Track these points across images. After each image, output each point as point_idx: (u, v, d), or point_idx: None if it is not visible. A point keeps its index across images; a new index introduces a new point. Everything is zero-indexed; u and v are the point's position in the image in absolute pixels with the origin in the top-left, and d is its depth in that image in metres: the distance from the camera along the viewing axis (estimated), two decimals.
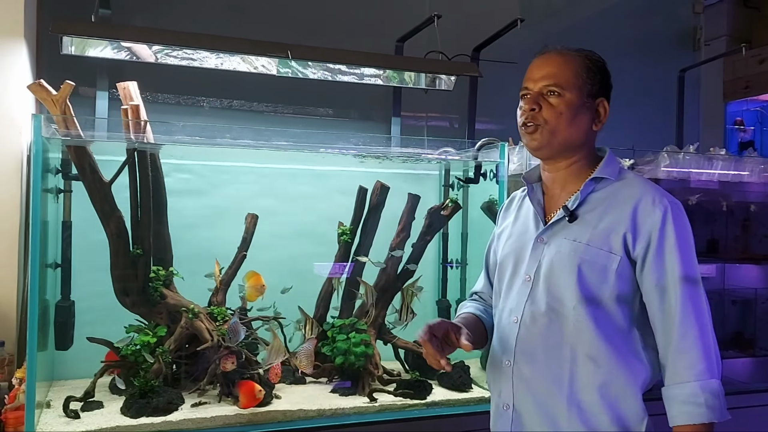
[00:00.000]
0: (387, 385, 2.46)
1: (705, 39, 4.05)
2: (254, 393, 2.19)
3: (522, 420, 1.48)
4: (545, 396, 1.44)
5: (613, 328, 1.41)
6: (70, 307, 2.36)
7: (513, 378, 1.48)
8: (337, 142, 2.44)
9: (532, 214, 1.55)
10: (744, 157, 3.07)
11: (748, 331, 3.28)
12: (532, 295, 1.47)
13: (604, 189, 1.47)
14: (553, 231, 1.49)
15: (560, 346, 1.43)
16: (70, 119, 2.06)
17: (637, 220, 1.40)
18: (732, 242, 3.18)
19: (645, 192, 1.43)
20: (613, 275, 1.40)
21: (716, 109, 4.20)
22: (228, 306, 2.49)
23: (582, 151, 1.51)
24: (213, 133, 2.28)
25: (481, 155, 2.56)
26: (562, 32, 3.59)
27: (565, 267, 1.43)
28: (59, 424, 2.00)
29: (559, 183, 1.53)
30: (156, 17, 2.79)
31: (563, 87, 1.45)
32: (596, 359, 1.40)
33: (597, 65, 1.49)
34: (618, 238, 1.40)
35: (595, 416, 1.40)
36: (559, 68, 1.47)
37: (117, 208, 2.23)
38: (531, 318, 1.46)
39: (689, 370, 1.34)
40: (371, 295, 2.52)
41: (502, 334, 1.54)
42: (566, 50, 1.50)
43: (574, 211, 1.46)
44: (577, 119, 1.47)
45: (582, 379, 1.41)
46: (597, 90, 1.48)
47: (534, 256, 1.49)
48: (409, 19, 2.94)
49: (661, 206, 1.40)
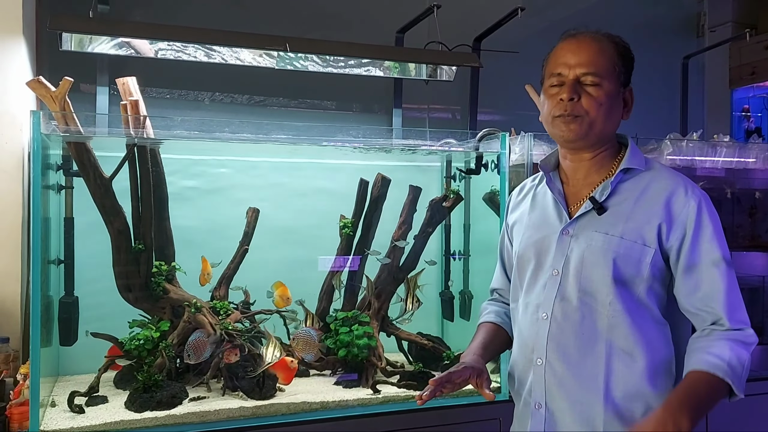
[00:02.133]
0: (390, 376, 2.46)
1: (709, 25, 4.00)
2: (287, 366, 2.22)
3: (555, 419, 1.43)
4: (580, 393, 1.40)
5: (647, 320, 1.39)
6: (73, 303, 2.37)
7: (545, 376, 1.43)
8: (338, 134, 2.43)
9: (552, 204, 1.50)
10: (749, 144, 3.04)
11: (756, 319, 3.26)
12: (562, 290, 1.43)
13: (633, 179, 1.44)
14: (581, 224, 1.44)
15: (595, 342, 1.39)
16: (70, 115, 2.06)
17: (672, 211, 1.38)
18: (738, 230, 3.15)
19: (677, 183, 1.41)
20: (647, 268, 1.38)
21: (722, 96, 4.14)
22: (231, 300, 2.50)
23: (610, 142, 1.47)
24: (213, 128, 2.27)
25: (482, 146, 2.55)
26: (564, 20, 3.56)
27: (599, 261, 1.39)
28: (64, 419, 2.02)
29: (582, 173, 1.48)
30: (155, 12, 2.79)
31: (602, 76, 1.40)
32: (632, 353, 1.38)
33: (628, 53, 1.45)
34: (652, 229, 1.38)
35: (630, 411, 1.38)
36: (597, 55, 1.41)
37: (118, 203, 2.24)
38: (562, 314, 1.42)
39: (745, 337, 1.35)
40: (371, 289, 2.53)
41: (529, 331, 1.48)
42: (600, 35, 1.44)
43: (603, 203, 1.42)
44: (614, 110, 1.43)
45: (618, 374, 1.38)
46: (626, 79, 1.45)
47: (560, 249, 1.45)
48: (409, 10, 2.92)
49: (695, 198, 1.39)
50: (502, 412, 2.36)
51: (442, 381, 1.43)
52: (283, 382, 2.31)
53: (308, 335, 2.35)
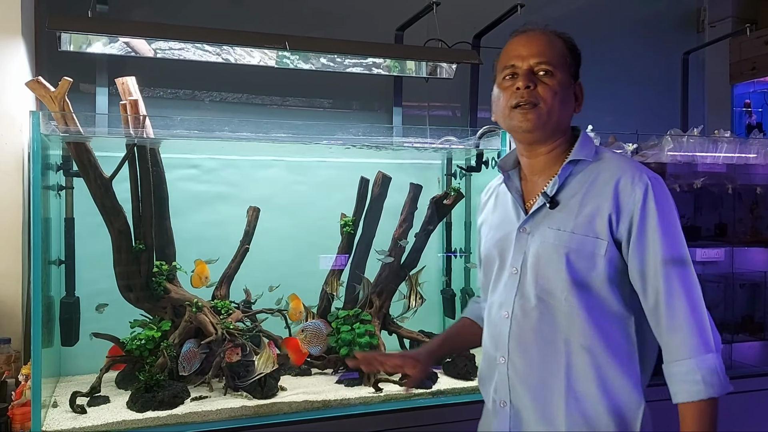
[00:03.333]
0: (392, 375, 2.46)
1: (709, 20, 3.99)
2: (299, 348, 2.25)
3: (520, 416, 1.44)
4: (542, 390, 1.40)
5: (606, 314, 1.38)
6: (74, 303, 2.37)
7: (508, 374, 1.44)
8: (338, 133, 2.43)
9: (512, 203, 1.50)
10: (749, 139, 3.04)
11: (757, 314, 3.25)
12: (521, 288, 1.43)
13: (583, 171, 1.42)
14: (536, 220, 1.43)
15: (554, 339, 1.39)
16: (69, 116, 2.06)
17: (619, 199, 1.36)
18: (740, 226, 3.15)
19: (624, 170, 1.38)
20: (602, 261, 1.36)
21: (722, 91, 4.13)
22: (232, 299, 2.50)
23: (564, 135, 1.47)
24: (212, 127, 2.27)
25: (482, 143, 2.54)
26: (564, 17, 3.56)
27: (553, 258, 1.38)
28: (66, 419, 2.02)
29: (537, 168, 1.47)
30: (154, 12, 2.79)
31: (555, 66, 1.40)
32: (591, 348, 1.37)
33: (575, 49, 1.47)
34: (603, 221, 1.36)
35: (592, 406, 1.37)
36: (548, 47, 1.42)
37: (118, 203, 2.24)
38: (522, 312, 1.42)
39: (683, 347, 1.32)
40: (368, 287, 2.53)
41: (493, 330, 1.49)
42: (548, 30, 1.46)
43: (554, 197, 1.41)
44: (568, 100, 1.43)
45: (578, 370, 1.37)
46: (575, 72, 1.46)
47: (518, 247, 1.44)
48: (409, 8, 2.92)
49: (641, 184, 1.35)
50: None
51: (369, 358, 1.54)
52: (294, 363, 2.37)
53: (317, 328, 2.36)
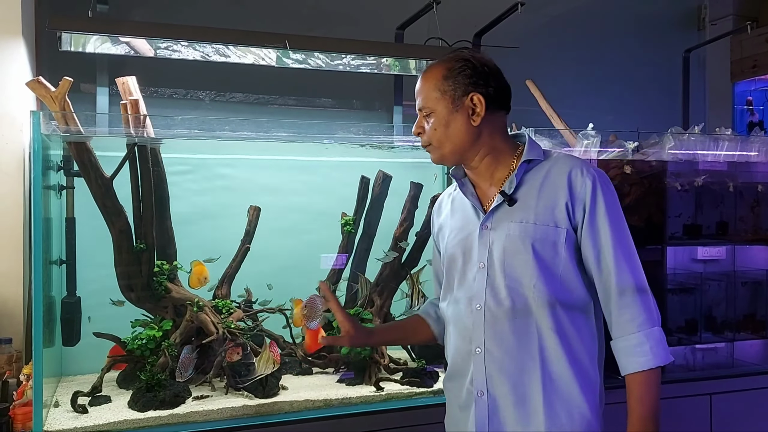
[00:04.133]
0: (393, 374, 2.46)
1: (710, 18, 3.99)
2: (318, 338, 2.27)
3: (497, 404, 1.50)
4: (519, 374, 1.49)
5: (572, 298, 1.49)
6: (76, 303, 2.37)
7: (485, 363, 1.51)
8: (339, 132, 2.43)
9: (470, 206, 1.59)
10: (750, 137, 3.03)
11: (759, 312, 3.25)
12: (491, 280, 1.51)
13: (535, 169, 1.54)
14: (496, 216, 1.53)
15: (527, 324, 1.48)
16: (70, 115, 2.06)
17: (573, 188, 1.49)
18: (741, 224, 3.14)
19: (574, 164, 1.52)
20: (563, 248, 1.48)
21: (723, 89, 4.13)
22: (233, 299, 2.50)
23: (483, 148, 1.54)
24: (213, 126, 2.27)
25: None
26: (564, 15, 3.56)
27: (519, 248, 1.49)
28: (67, 419, 2.02)
29: (483, 176, 1.57)
30: (154, 11, 2.79)
31: (429, 106, 1.52)
32: (560, 331, 1.47)
33: (457, 66, 1.51)
34: (561, 210, 1.48)
35: (565, 384, 1.47)
36: (422, 89, 1.54)
37: (119, 203, 2.24)
38: (495, 301, 1.50)
39: (632, 322, 1.45)
40: (366, 286, 2.53)
41: (465, 323, 1.55)
42: (432, 65, 1.55)
43: (512, 195, 1.52)
44: (453, 127, 1.51)
45: (551, 352, 1.47)
46: (464, 90, 1.50)
47: (483, 243, 1.54)
48: (409, 6, 2.92)
49: (590, 176, 1.49)
50: None
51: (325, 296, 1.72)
52: (306, 348, 2.42)
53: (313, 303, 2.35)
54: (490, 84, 1.51)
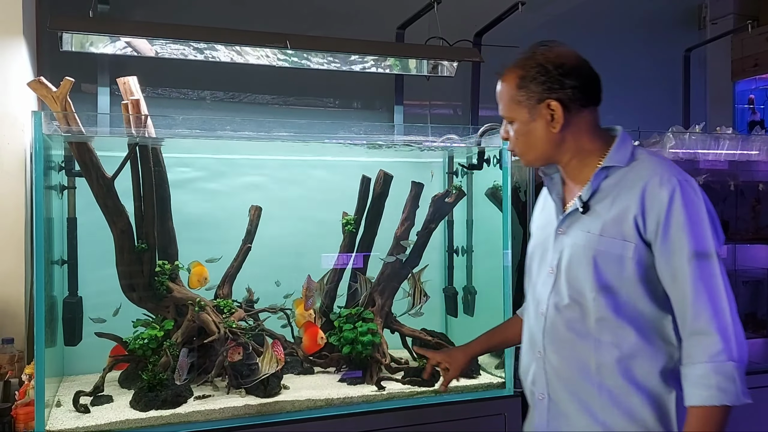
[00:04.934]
0: (395, 373, 2.46)
1: (711, 17, 3.99)
2: (317, 339, 2.32)
3: (558, 408, 1.49)
4: (576, 384, 1.45)
5: (636, 313, 1.40)
6: (77, 303, 2.37)
7: (545, 368, 1.49)
8: (339, 131, 2.43)
9: (553, 205, 1.55)
10: (752, 136, 3.03)
11: (760, 311, 3.25)
12: (556, 287, 1.48)
13: (615, 175, 1.44)
14: (570, 222, 1.48)
15: (584, 336, 1.43)
16: (71, 115, 2.06)
17: (645, 202, 1.37)
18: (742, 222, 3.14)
19: (653, 173, 1.39)
20: (630, 262, 1.38)
21: (724, 88, 4.13)
22: (234, 298, 2.50)
23: (568, 151, 1.48)
24: (214, 126, 2.27)
25: (484, 141, 2.54)
26: (564, 14, 3.55)
27: (582, 260, 1.42)
28: (69, 419, 2.02)
29: (570, 174, 1.52)
30: (155, 11, 2.79)
31: (509, 113, 1.49)
32: (620, 345, 1.40)
33: (530, 74, 1.44)
34: (629, 224, 1.38)
35: (626, 397, 1.40)
36: (500, 97, 1.50)
37: (120, 203, 2.24)
38: (555, 309, 1.47)
39: (702, 351, 1.32)
40: (365, 285, 2.53)
41: (531, 326, 1.56)
42: (506, 70, 1.49)
43: (587, 202, 1.45)
44: (533, 136, 1.47)
45: (608, 366, 1.41)
46: (538, 97, 1.43)
47: (556, 248, 1.50)
48: (410, 6, 2.92)
49: (668, 186, 1.36)
50: (506, 407, 2.36)
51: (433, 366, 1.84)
52: (304, 349, 2.42)
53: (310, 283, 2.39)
54: (567, 85, 1.42)
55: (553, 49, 1.45)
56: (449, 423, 2.29)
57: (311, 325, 2.45)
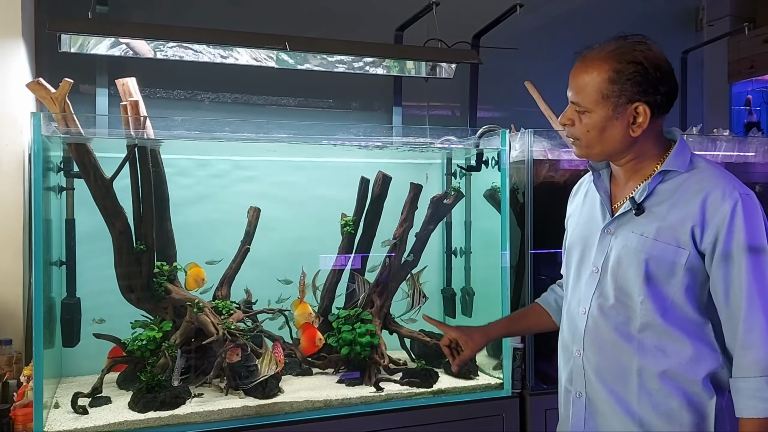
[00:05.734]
0: (393, 374, 2.46)
1: (708, 19, 4.00)
2: (315, 340, 2.34)
3: (595, 406, 1.49)
4: (615, 384, 1.45)
5: (682, 319, 1.40)
6: (76, 304, 2.37)
7: (584, 367, 1.50)
8: (338, 133, 2.43)
9: (599, 203, 1.53)
10: (748, 138, 3.04)
11: None
12: (600, 287, 1.47)
13: (673, 180, 1.42)
14: (620, 222, 1.46)
15: (628, 338, 1.43)
16: (70, 117, 2.06)
17: (706, 213, 1.36)
18: None
19: (715, 184, 1.37)
20: (681, 269, 1.38)
21: (721, 90, 4.15)
22: (233, 299, 2.50)
23: (633, 152, 1.45)
24: (213, 127, 2.28)
25: (482, 143, 2.55)
26: (563, 16, 3.56)
27: (632, 262, 1.41)
28: (67, 420, 2.02)
29: (624, 174, 1.50)
30: (153, 12, 2.79)
31: (586, 107, 1.41)
32: (665, 349, 1.40)
33: (628, 70, 1.37)
34: (686, 231, 1.37)
35: (666, 400, 1.41)
36: (583, 85, 1.41)
37: (119, 204, 2.24)
38: (599, 310, 1.46)
39: (755, 365, 1.32)
40: (363, 286, 2.54)
41: (571, 324, 1.55)
42: (597, 56, 1.40)
43: (641, 204, 1.43)
44: (608, 133, 1.41)
45: (650, 369, 1.41)
46: (629, 97, 1.38)
47: (601, 247, 1.48)
48: (408, 8, 2.92)
49: (730, 200, 1.35)
50: (504, 408, 2.37)
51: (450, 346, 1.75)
52: (302, 350, 2.44)
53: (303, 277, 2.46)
54: (660, 91, 1.38)
55: (652, 48, 1.40)
56: (447, 424, 2.29)
57: (309, 326, 2.45)
